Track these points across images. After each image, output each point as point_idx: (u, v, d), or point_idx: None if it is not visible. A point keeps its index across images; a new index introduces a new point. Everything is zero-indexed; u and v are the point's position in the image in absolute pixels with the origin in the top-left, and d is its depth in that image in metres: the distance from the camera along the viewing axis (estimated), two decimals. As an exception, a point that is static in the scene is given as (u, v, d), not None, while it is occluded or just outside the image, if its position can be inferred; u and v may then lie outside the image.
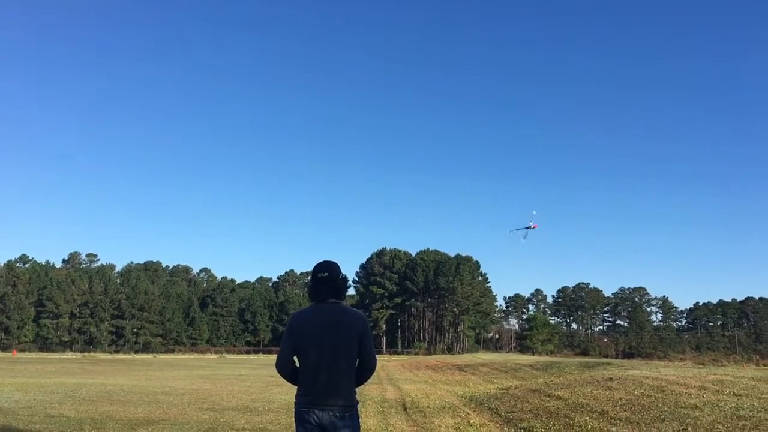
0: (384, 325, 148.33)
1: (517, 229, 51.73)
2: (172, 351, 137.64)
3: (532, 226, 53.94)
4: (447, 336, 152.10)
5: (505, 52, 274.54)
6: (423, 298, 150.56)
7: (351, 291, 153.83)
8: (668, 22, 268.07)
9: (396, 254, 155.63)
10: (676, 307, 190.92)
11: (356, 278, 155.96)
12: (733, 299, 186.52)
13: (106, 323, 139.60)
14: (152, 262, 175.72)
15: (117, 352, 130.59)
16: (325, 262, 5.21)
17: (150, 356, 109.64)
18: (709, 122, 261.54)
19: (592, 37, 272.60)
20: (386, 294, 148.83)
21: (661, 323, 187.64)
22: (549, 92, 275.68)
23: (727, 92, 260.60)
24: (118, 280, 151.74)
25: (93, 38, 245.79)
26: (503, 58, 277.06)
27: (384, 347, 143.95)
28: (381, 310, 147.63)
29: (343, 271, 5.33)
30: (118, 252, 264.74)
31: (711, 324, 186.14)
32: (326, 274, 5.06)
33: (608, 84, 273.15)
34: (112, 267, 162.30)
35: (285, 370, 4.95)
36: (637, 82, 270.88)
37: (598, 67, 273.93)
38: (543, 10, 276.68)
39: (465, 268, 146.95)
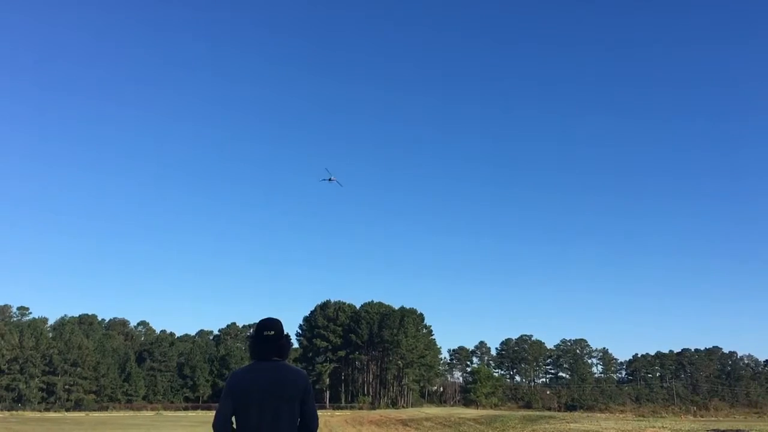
0: (327, 379, 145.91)
1: (323, 180, 59.59)
2: (106, 408, 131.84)
3: (333, 179, 60.72)
4: (391, 389, 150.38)
5: (447, 106, 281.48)
6: (367, 351, 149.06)
7: (294, 344, 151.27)
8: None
9: (340, 306, 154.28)
10: (616, 359, 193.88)
11: (300, 331, 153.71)
12: (670, 351, 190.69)
13: (37, 380, 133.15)
14: (87, 315, 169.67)
15: (47, 410, 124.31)
16: (270, 319, 5.16)
17: (82, 414, 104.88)
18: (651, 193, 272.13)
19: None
20: (330, 347, 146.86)
21: (602, 375, 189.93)
22: (493, 146, 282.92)
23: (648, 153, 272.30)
24: (50, 334, 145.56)
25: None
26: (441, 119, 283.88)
27: (327, 402, 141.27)
28: (325, 364, 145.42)
29: (289, 332, 5.31)
30: (51, 305, 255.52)
31: (650, 375, 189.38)
32: (272, 333, 5.01)
33: (539, 139, 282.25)
34: (44, 320, 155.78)
35: (223, 430, 4.81)
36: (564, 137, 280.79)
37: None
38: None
39: (409, 320, 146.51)
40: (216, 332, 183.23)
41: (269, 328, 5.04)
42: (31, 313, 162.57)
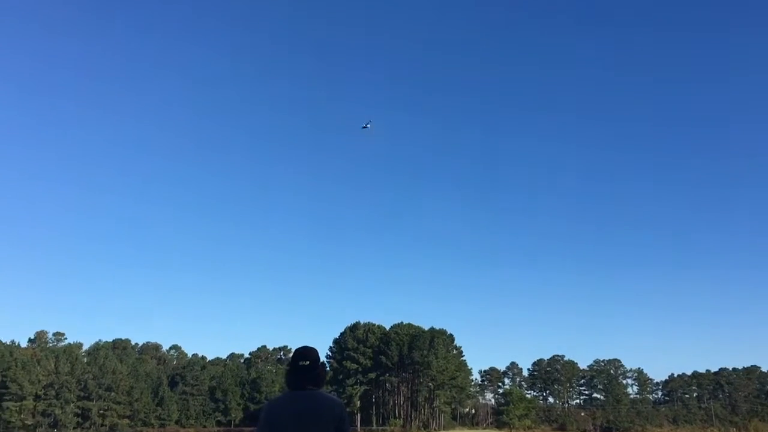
0: (358, 402, 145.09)
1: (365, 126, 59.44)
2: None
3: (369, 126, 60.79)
4: (423, 412, 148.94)
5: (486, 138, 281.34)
6: (398, 373, 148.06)
7: (325, 364, 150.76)
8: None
9: (370, 328, 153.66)
10: (651, 379, 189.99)
11: (329, 353, 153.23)
12: (707, 370, 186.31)
13: (72, 405, 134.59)
14: (121, 339, 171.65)
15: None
16: (305, 348, 5.22)
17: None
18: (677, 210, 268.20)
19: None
20: (360, 369, 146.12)
21: (638, 396, 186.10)
22: (519, 176, 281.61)
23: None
24: (85, 359, 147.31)
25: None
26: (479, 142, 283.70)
27: (359, 425, 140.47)
28: (355, 386, 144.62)
29: (321, 357, 5.41)
30: (86, 330, 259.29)
31: (687, 396, 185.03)
32: (307, 363, 5.07)
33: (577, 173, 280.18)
34: (79, 345, 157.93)
35: None
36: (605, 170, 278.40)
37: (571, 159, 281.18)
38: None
39: (439, 341, 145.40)
40: (247, 355, 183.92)
41: (304, 357, 5.08)
42: (66, 338, 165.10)
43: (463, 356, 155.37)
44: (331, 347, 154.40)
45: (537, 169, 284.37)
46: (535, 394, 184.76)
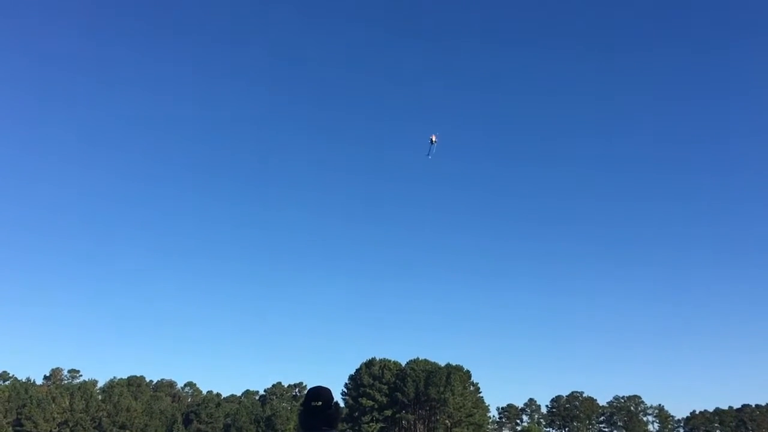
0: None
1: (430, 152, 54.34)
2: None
3: (434, 141, 55.71)
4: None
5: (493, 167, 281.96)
6: (414, 410, 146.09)
7: (339, 404, 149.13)
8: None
9: (385, 364, 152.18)
10: (672, 416, 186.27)
11: (345, 390, 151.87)
12: (729, 407, 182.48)
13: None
14: (135, 376, 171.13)
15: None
16: (318, 388, 5.08)
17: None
18: (696, 232, 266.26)
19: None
20: (376, 406, 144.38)
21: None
22: (535, 204, 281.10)
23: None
24: (99, 397, 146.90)
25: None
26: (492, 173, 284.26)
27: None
28: (371, 424, 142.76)
29: (335, 397, 5.28)
30: (101, 367, 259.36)
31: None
32: (320, 403, 4.93)
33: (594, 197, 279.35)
34: (94, 383, 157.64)
35: None
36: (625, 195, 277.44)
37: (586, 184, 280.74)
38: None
39: (456, 377, 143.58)
40: (262, 392, 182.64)
41: (316, 397, 4.94)
42: (81, 375, 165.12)
43: (480, 392, 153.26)
44: (346, 384, 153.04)
45: (551, 195, 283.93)
46: (553, 431, 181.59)
